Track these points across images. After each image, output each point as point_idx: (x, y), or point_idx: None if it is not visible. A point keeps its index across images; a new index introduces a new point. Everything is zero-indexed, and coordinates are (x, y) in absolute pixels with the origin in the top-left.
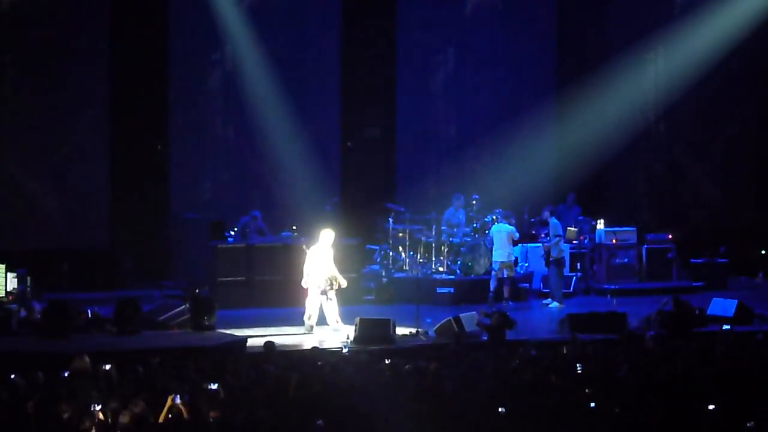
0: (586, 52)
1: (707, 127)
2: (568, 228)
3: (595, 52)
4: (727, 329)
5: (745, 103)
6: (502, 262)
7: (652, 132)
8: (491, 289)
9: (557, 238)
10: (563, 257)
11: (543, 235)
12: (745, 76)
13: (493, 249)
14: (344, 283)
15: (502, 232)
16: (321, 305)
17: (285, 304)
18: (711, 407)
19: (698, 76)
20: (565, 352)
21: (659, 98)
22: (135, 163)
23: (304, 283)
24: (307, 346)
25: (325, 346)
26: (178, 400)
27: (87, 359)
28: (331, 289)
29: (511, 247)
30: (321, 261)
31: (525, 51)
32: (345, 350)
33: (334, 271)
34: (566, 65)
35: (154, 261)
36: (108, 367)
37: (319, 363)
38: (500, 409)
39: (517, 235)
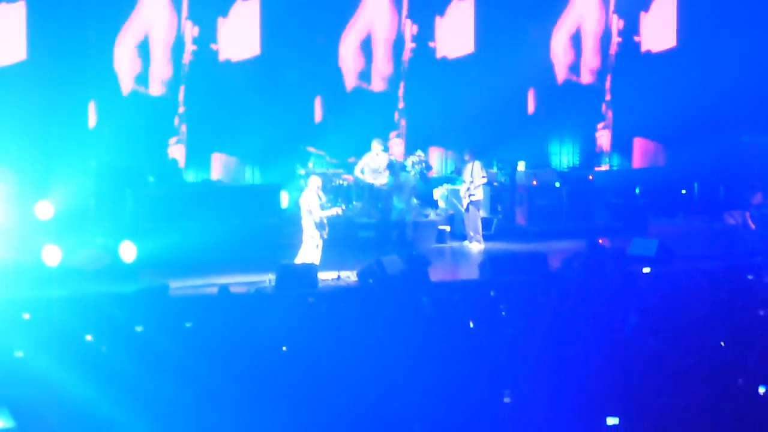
0: None
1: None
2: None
3: None
4: (647, 272)
5: None
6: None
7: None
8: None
9: (483, 179)
10: (479, 199)
11: (463, 177)
12: None
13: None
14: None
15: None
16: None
17: None
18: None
19: None
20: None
21: None
22: None
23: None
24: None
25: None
26: None
27: None
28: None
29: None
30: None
31: None
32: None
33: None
34: None
35: None
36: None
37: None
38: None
39: (434, 178)
